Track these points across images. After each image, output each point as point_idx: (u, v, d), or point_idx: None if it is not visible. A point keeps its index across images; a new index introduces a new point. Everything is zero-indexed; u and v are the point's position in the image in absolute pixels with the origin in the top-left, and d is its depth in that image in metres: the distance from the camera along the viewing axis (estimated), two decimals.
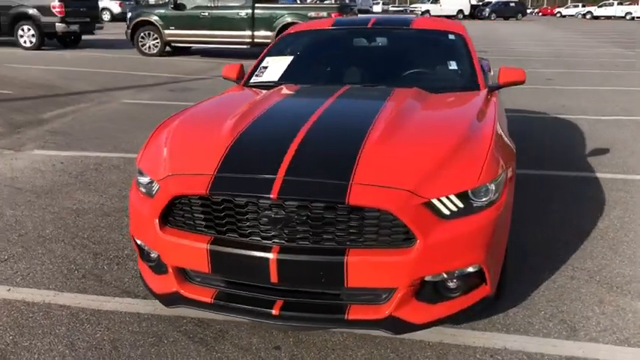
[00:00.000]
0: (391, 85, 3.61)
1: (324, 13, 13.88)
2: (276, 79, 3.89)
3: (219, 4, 14.52)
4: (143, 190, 2.73)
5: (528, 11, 63.11)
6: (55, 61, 13.77)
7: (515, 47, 19.95)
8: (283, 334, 2.71)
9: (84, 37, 17.85)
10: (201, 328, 2.78)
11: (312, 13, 13.94)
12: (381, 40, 4.23)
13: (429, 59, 4.09)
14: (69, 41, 17.24)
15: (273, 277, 2.37)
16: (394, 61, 4.09)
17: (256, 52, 9.41)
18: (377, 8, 51.56)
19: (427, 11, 49.14)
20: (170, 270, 2.59)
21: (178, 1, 14.66)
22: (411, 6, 51.74)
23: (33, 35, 15.72)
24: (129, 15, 15.41)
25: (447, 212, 2.40)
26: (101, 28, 17.68)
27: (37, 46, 15.81)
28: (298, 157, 2.49)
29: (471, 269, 2.46)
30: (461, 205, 2.43)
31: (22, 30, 15.72)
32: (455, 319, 2.56)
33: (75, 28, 16.03)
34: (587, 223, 4.16)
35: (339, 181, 2.34)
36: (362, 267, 2.31)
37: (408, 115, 2.94)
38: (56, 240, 3.81)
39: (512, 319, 2.87)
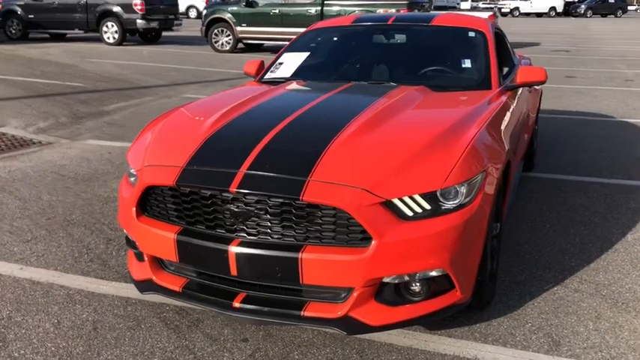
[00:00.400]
0: (401, 82, 3.55)
1: (393, 10, 13.74)
2: (288, 75, 3.92)
3: (290, 1, 14.72)
4: (130, 180, 2.85)
5: (632, 8, 59.22)
6: (132, 56, 14.46)
7: (602, 46, 18.87)
8: (255, 328, 2.74)
9: (164, 33, 18.62)
10: (179, 316, 2.86)
11: (380, 10, 13.83)
12: (399, 38, 4.16)
13: (444, 57, 3.98)
14: (150, 37, 18.03)
15: (233, 270, 2.40)
16: (408, 58, 4.01)
17: None
18: (465, 5, 50.28)
19: (516, 8, 47.37)
20: (146, 258, 2.69)
21: None
22: (499, 3, 50.01)
23: (116, 31, 16.58)
24: (204, 12, 15.93)
25: (409, 213, 2.34)
26: (180, 24, 18.37)
27: (119, 42, 16.66)
28: (265, 153, 2.51)
29: (434, 273, 2.39)
30: (427, 206, 2.37)
31: (107, 26, 16.62)
32: (422, 322, 2.50)
33: (154, 24, 16.75)
34: (615, 234, 3.91)
35: (297, 177, 2.34)
36: (316, 264, 2.30)
37: (393, 113, 2.88)
38: (78, 225, 4.04)
39: (494, 328, 2.76)
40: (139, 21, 16.29)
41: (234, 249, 2.36)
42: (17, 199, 4.54)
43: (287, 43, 14.61)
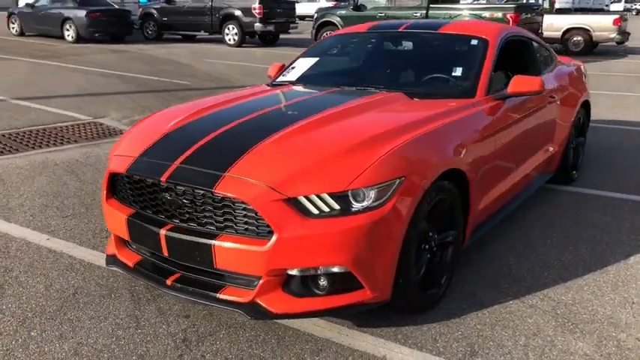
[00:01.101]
0: (388, 88, 3.65)
1: (499, 14, 13.34)
2: (294, 79, 4.16)
3: (396, 5, 14.82)
4: None
5: None
6: (245, 57, 15.38)
7: None
8: (202, 307, 3.03)
9: (282, 35, 19.50)
10: (147, 290, 3.23)
11: (487, 14, 13.50)
12: (406, 45, 4.23)
13: (439, 64, 3.99)
14: (268, 39, 19.00)
15: (164, 251, 2.73)
16: (404, 65, 4.08)
17: None
18: (617, 6, 46.64)
19: None
20: (112, 235, 3.09)
21: (359, 3, 15.29)
22: None
23: (236, 34, 17.69)
24: (315, 16, 16.50)
25: (315, 211, 2.50)
26: (295, 27, 19.12)
27: (239, 44, 17.75)
28: (201, 149, 2.79)
29: (336, 269, 2.53)
30: (336, 206, 2.51)
31: (228, 29, 17.79)
32: (330, 315, 2.65)
33: (271, 27, 17.63)
34: (616, 255, 3.70)
35: (215, 171, 2.60)
36: (227, 252, 2.54)
37: (340, 118, 3.05)
38: None
39: (421, 332, 2.82)
40: (256, 24, 17.24)
41: (163, 232, 2.68)
42: (79, 180, 5.22)
43: None
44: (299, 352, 2.65)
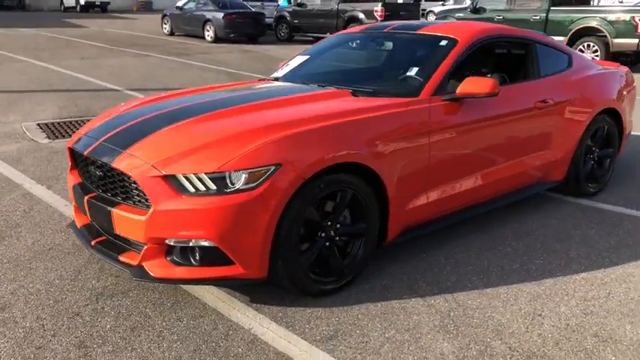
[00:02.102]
0: (344, 85, 3.79)
1: (627, 17, 12.28)
2: (280, 75, 4.42)
3: (515, 7, 14.23)
4: None
5: None
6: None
7: None
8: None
9: None
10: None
11: (613, 17, 12.48)
12: (386, 46, 4.29)
13: (402, 64, 4.00)
14: None
15: (88, 216, 3.19)
16: (372, 65, 4.14)
17: None
18: None
19: None
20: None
21: (478, 5, 14.91)
22: None
23: None
24: (434, 18, 16.34)
25: (191, 189, 2.79)
26: None
27: None
28: (123, 131, 3.21)
29: (205, 243, 2.79)
30: (213, 186, 2.78)
31: None
32: (206, 284, 2.93)
33: None
34: (567, 270, 3.51)
35: (118, 148, 3.00)
36: (120, 219, 2.93)
37: (259, 108, 3.34)
38: None
39: (302, 314, 2.98)
40: None
41: (86, 198, 3.14)
42: None
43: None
44: (180, 315, 2.95)
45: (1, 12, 37.19)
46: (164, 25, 21.50)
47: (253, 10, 20.49)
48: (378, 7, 17.37)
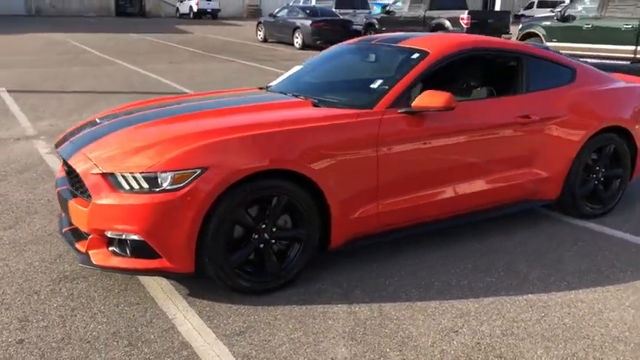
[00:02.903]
0: (310, 96, 3.92)
1: None
2: (273, 84, 4.63)
3: (607, 15, 13.42)
4: None
5: None
6: None
7: None
8: None
9: None
10: None
11: None
12: (370, 58, 4.35)
13: (373, 76, 4.03)
14: None
15: (59, 205, 3.58)
16: (345, 76, 4.22)
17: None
18: None
19: None
20: None
21: (567, 13, 14.23)
22: None
23: None
24: (520, 26, 15.79)
25: (126, 186, 3.08)
26: (508, 38, 18.40)
27: None
28: (89, 132, 3.56)
29: (135, 237, 3.06)
30: (145, 185, 3.05)
31: None
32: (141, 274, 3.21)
33: None
34: (516, 291, 3.43)
35: (77, 148, 3.35)
36: (73, 210, 3.28)
37: (213, 115, 3.58)
38: None
39: (225, 309, 3.16)
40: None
41: (57, 190, 3.53)
42: None
43: (596, 60, 13.62)
44: (120, 301, 3.24)
45: (123, 18, 40.41)
46: (259, 32, 22.40)
47: (342, 17, 20.82)
48: (464, 15, 17.05)
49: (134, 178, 3.07)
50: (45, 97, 9.49)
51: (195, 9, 40.21)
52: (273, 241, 3.31)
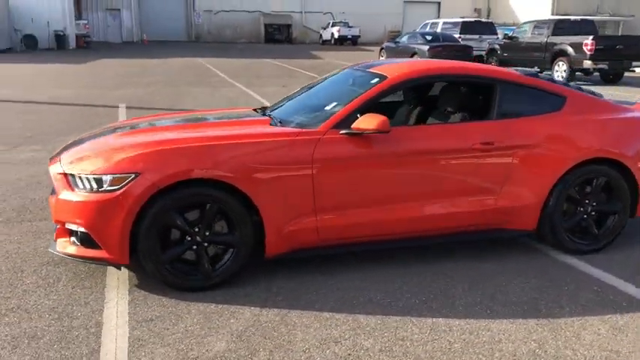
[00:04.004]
0: (287, 116, 4.22)
1: None
2: (269, 104, 4.99)
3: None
4: None
5: None
6: None
7: None
8: None
9: (627, 74, 17.63)
10: None
11: None
12: (349, 82, 4.51)
13: (335, 99, 4.18)
14: (610, 78, 17.49)
15: None
16: (317, 98, 4.42)
17: None
18: None
19: None
20: None
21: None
22: None
23: (565, 70, 16.96)
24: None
25: (80, 185, 3.62)
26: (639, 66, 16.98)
27: (567, 81, 16.95)
28: (78, 139, 4.18)
29: (82, 229, 3.58)
30: (95, 185, 3.57)
31: (558, 65, 17.19)
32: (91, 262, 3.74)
33: (604, 65, 16.24)
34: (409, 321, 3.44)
35: (60, 153, 3.98)
36: (50, 204, 3.89)
37: (178, 129, 4.05)
38: None
39: (152, 300, 3.56)
40: (585, 61, 16.21)
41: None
42: None
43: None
44: (75, 284, 3.77)
45: (271, 44, 43.10)
46: (381, 57, 22.86)
47: (463, 43, 20.58)
48: (588, 41, 16.09)
49: (86, 178, 3.59)
50: (151, 113, 10.70)
51: (336, 35, 41.84)
52: (206, 244, 3.66)
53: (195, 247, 3.65)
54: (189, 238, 3.63)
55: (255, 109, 4.88)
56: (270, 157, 3.66)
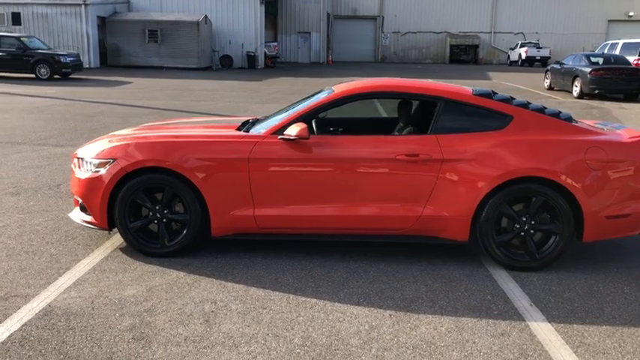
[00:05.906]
0: (256, 125, 5.02)
1: None
2: None
3: None
4: None
5: None
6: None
7: None
8: None
9: None
10: None
11: None
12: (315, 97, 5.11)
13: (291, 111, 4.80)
14: None
15: None
16: (285, 112, 5.05)
17: None
18: None
19: None
20: None
21: None
22: None
23: None
24: None
25: (86, 166, 4.78)
26: None
27: None
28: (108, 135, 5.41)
29: (80, 199, 4.76)
30: (94, 167, 4.73)
31: None
32: None
33: None
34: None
35: (79, 145, 5.24)
36: (71, 180, 5.15)
37: (165, 129, 5.02)
38: None
39: (123, 267, 4.60)
40: None
41: None
42: None
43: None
44: (79, 252, 4.97)
45: (455, 65, 42.92)
46: (546, 80, 21.92)
47: (633, 66, 18.87)
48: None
49: (87, 162, 4.77)
50: None
51: (523, 56, 40.36)
52: (165, 220, 4.60)
53: (155, 221, 4.61)
54: (150, 214, 4.61)
55: (256, 119, 5.74)
56: (215, 155, 4.48)
